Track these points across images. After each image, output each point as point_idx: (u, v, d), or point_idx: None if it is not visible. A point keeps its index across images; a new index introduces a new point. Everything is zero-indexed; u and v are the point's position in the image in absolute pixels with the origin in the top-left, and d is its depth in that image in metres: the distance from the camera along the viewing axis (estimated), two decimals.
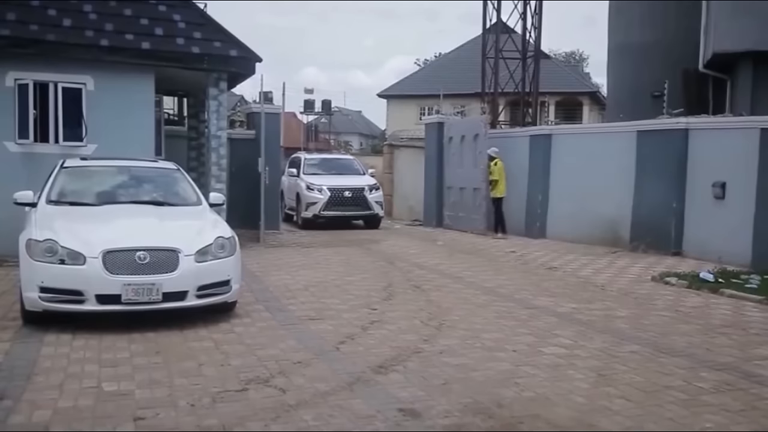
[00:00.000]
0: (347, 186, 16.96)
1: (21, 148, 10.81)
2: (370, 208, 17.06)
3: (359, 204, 16.97)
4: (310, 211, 16.84)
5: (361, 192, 17.00)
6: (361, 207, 17.04)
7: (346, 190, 16.85)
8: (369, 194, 17.08)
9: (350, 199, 16.83)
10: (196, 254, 6.67)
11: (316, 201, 16.73)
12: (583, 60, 61.68)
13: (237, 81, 14.17)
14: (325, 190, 16.78)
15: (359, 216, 17.43)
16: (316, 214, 16.76)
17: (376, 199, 17.21)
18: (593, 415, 4.44)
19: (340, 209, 16.83)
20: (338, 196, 16.76)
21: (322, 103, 55.14)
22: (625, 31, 21.21)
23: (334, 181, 17.13)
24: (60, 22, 10.89)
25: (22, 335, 6.22)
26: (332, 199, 16.71)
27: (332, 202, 16.71)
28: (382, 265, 10.91)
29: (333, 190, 16.78)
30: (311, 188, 16.99)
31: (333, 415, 4.36)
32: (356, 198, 16.91)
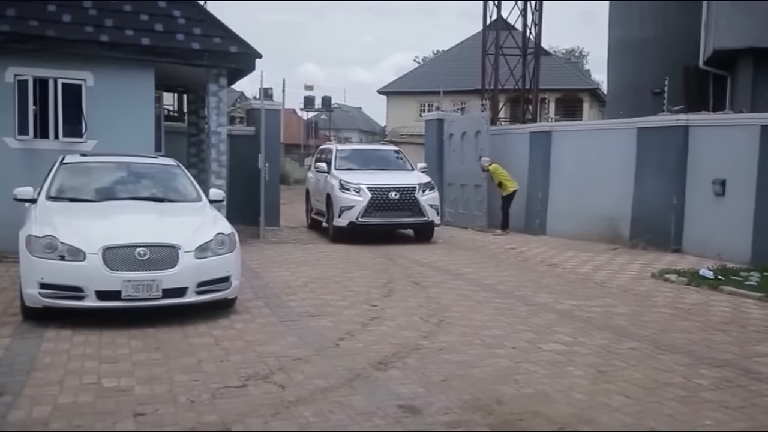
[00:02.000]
0: (393, 185, 13.22)
1: (21, 144, 10.81)
2: (422, 214, 13.21)
3: (409, 208, 13.16)
4: (344, 217, 12.96)
5: (411, 193, 13.19)
6: (412, 212, 13.21)
7: (391, 191, 13.07)
8: (421, 195, 13.21)
9: (397, 203, 13.06)
10: (196, 250, 6.67)
11: (353, 205, 12.90)
12: (583, 57, 61.67)
13: (237, 77, 14.17)
14: (364, 191, 13.00)
15: (409, 224, 13.67)
16: (352, 221, 12.90)
17: (430, 201, 13.37)
18: (593, 411, 4.44)
19: (384, 215, 13.09)
20: (382, 198, 12.99)
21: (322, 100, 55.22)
22: (626, 27, 21.20)
23: (376, 179, 13.42)
24: (60, 17, 10.87)
25: (22, 331, 6.23)
26: (374, 202, 12.93)
27: (374, 207, 12.93)
28: (381, 261, 10.91)
29: (375, 191, 13.01)
30: (346, 188, 13.12)
31: (332, 412, 4.36)
32: (405, 201, 13.12)
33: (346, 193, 13.07)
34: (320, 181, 14.59)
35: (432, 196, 13.49)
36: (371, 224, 13.07)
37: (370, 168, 14.23)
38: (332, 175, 13.73)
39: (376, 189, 13.07)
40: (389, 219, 13.20)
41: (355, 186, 13.12)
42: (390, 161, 14.98)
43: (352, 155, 14.99)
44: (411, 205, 13.15)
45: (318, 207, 14.94)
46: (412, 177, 13.84)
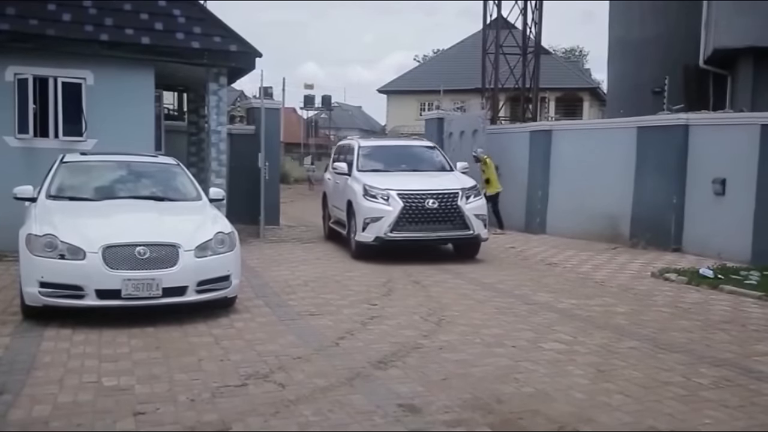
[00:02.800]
0: (430, 191, 10.63)
1: (21, 142, 10.81)
2: (466, 226, 10.60)
3: (450, 219, 10.56)
4: (370, 231, 10.47)
5: (452, 200, 10.59)
6: (453, 224, 10.61)
7: (428, 198, 10.47)
8: (465, 203, 10.62)
9: (436, 213, 10.48)
10: (196, 249, 6.67)
11: (380, 216, 10.41)
12: (584, 56, 61.67)
13: (237, 76, 14.17)
14: (394, 198, 10.44)
15: (450, 239, 11.13)
16: (380, 236, 10.40)
17: (476, 210, 10.75)
18: (592, 410, 4.44)
19: (419, 229, 10.52)
20: (416, 207, 10.43)
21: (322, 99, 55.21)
22: (626, 26, 21.20)
23: (409, 183, 10.95)
24: (60, 16, 10.87)
25: (22, 330, 6.23)
26: (407, 212, 10.40)
27: (407, 218, 10.42)
28: (382, 260, 10.90)
29: (408, 198, 10.46)
30: (372, 195, 10.62)
31: (332, 411, 4.37)
32: (445, 210, 10.53)
33: (372, 201, 10.55)
34: (339, 185, 12.08)
35: (478, 203, 10.94)
36: (403, 240, 10.56)
37: (400, 168, 11.84)
38: (354, 178, 11.27)
39: (409, 196, 10.49)
40: (426, 233, 10.58)
41: (383, 192, 10.53)
42: (424, 160, 12.38)
43: (378, 153, 12.37)
44: (452, 215, 10.54)
45: (338, 215, 12.37)
46: (452, 180, 11.26)
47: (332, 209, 12.97)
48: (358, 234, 10.73)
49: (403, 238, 10.59)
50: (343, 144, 13.85)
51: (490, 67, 21.04)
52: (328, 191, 13.34)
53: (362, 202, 10.68)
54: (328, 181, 13.40)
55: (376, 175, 11.32)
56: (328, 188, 13.45)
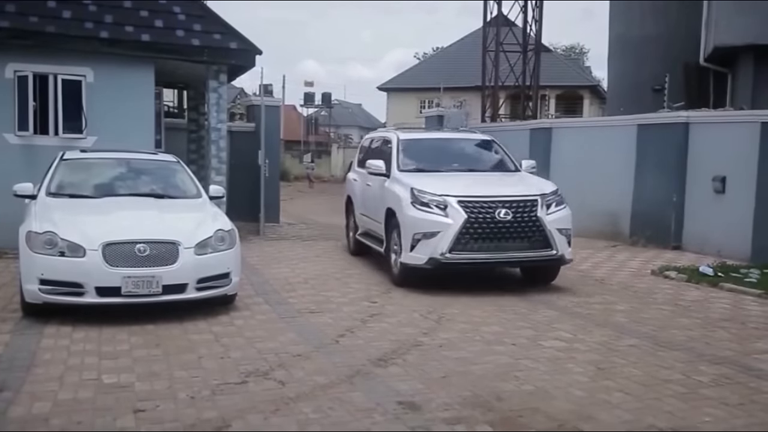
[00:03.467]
0: (502, 197, 8.21)
1: (21, 140, 10.79)
2: (548, 245, 8.22)
3: (527, 235, 8.15)
4: (422, 251, 8.07)
5: (530, 210, 8.19)
6: (531, 242, 8.19)
7: (500, 206, 8.06)
8: (546, 214, 8.24)
9: (509, 227, 8.05)
10: (196, 247, 6.67)
11: (437, 230, 7.99)
12: (584, 54, 61.60)
13: (237, 73, 14.14)
14: (454, 208, 8.04)
15: (526, 261, 8.52)
16: (435, 257, 7.97)
17: (559, 224, 8.35)
18: (592, 408, 4.45)
19: (487, 247, 8.08)
20: (484, 219, 8.01)
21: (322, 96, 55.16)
22: (626, 24, 21.18)
23: (471, 188, 8.59)
24: (60, 13, 10.84)
25: (22, 327, 6.23)
26: (472, 225, 7.99)
27: (472, 233, 8.00)
28: (382, 258, 10.89)
29: (472, 207, 8.04)
30: (423, 202, 8.21)
31: (333, 408, 4.37)
32: (522, 223, 8.11)
33: (424, 211, 8.12)
34: (372, 188, 9.81)
35: (561, 214, 8.43)
36: (467, 262, 8.14)
37: (453, 168, 9.44)
38: (395, 180, 8.94)
39: (474, 204, 8.03)
40: (495, 254, 8.11)
41: (439, 199, 8.10)
42: (481, 157, 10.09)
43: (423, 148, 10.00)
44: (530, 229, 8.11)
45: (368, 226, 10.17)
46: (526, 184, 8.92)
47: (360, 218, 10.53)
48: (404, 254, 8.21)
49: (466, 261, 8.09)
50: (374, 137, 11.37)
51: (490, 65, 21.04)
52: (355, 195, 10.92)
53: (410, 211, 8.21)
54: (354, 182, 11.02)
55: (424, 176, 8.88)
56: (353, 191, 11.00)
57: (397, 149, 9.56)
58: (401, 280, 8.49)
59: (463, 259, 8.08)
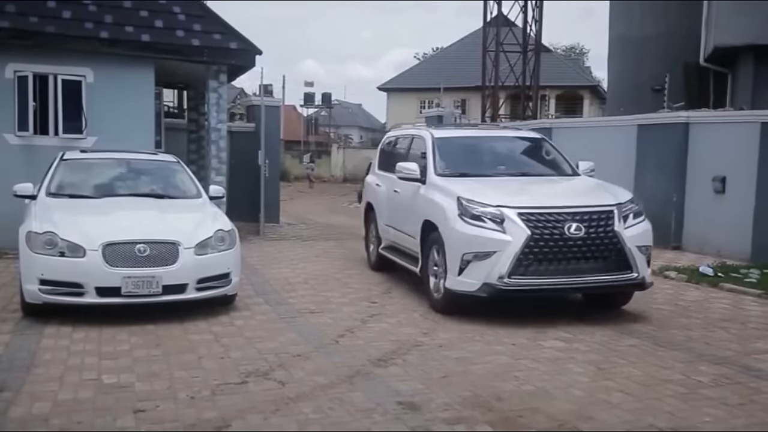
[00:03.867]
0: (571, 208, 6.85)
1: (21, 140, 10.79)
2: (627, 265, 6.82)
3: (603, 254, 6.76)
4: (474, 274, 6.68)
5: (605, 223, 6.77)
6: (608, 262, 6.77)
7: (570, 220, 6.67)
8: (624, 228, 6.83)
9: (582, 245, 6.67)
10: (196, 247, 6.67)
11: (493, 249, 6.60)
12: (584, 54, 61.60)
13: (237, 74, 14.14)
14: (514, 222, 6.64)
15: (601, 285, 6.92)
16: (491, 283, 6.60)
17: (639, 240, 6.93)
18: (592, 408, 4.45)
19: (555, 270, 6.68)
20: (551, 235, 6.63)
21: (322, 96, 55.15)
22: (626, 24, 21.19)
23: (531, 196, 7.39)
24: (59, 14, 10.85)
25: (22, 327, 6.23)
26: (537, 243, 6.60)
27: (536, 253, 6.60)
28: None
29: (536, 221, 6.66)
30: (474, 214, 6.80)
31: (333, 408, 4.37)
32: (597, 239, 6.73)
33: (476, 226, 6.67)
34: (402, 196, 8.40)
35: (642, 228, 6.98)
36: (529, 289, 6.67)
37: (500, 172, 8.08)
38: (434, 187, 7.54)
39: (539, 218, 6.59)
40: (564, 279, 6.62)
41: (495, 211, 6.65)
42: (532, 158, 8.65)
43: (463, 148, 8.56)
44: (607, 248, 6.68)
45: (396, 240, 8.75)
46: (599, 191, 7.46)
47: (385, 230, 9.14)
48: (449, 277, 6.76)
49: (529, 287, 6.63)
50: (399, 135, 9.74)
51: (490, 65, 21.05)
52: (378, 203, 9.48)
53: (457, 226, 6.74)
54: (377, 188, 9.53)
55: (469, 182, 7.46)
56: (375, 198, 9.61)
57: (433, 150, 8.01)
58: (446, 308, 7.01)
59: (525, 285, 6.59)
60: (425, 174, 7.80)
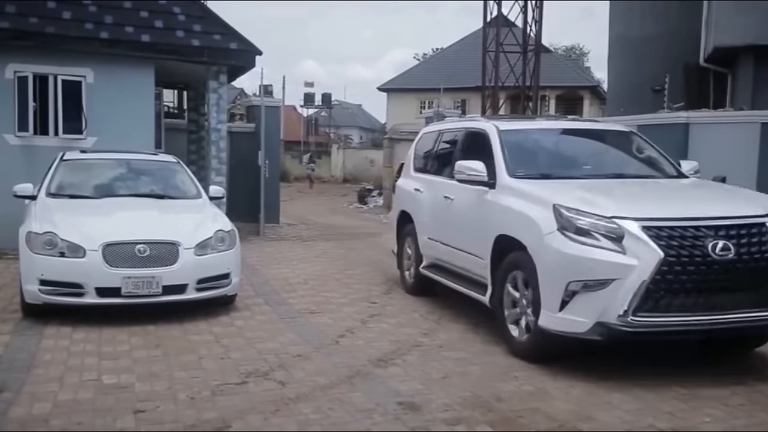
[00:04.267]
0: (713, 220, 5.01)
1: (21, 140, 10.79)
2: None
3: (756, 282, 4.95)
4: (582, 310, 4.94)
5: (759, 240, 4.97)
6: (760, 293, 4.97)
7: (711, 236, 4.88)
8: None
9: (730, 268, 4.86)
10: (196, 247, 6.67)
11: (612, 277, 4.83)
12: (584, 55, 61.58)
13: (237, 74, 14.14)
14: (640, 239, 4.85)
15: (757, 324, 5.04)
16: (609, 323, 4.84)
17: None
18: (592, 408, 4.44)
19: (696, 304, 4.88)
20: (691, 257, 4.81)
21: (322, 97, 55.21)
22: (626, 25, 21.18)
23: (657, 203, 5.58)
24: (59, 14, 10.85)
25: (22, 328, 6.23)
26: (671, 267, 4.78)
27: (671, 281, 4.79)
28: (382, 258, 10.89)
29: (669, 238, 4.85)
30: (580, 228, 5.06)
31: (332, 409, 4.37)
32: (747, 263, 4.90)
33: (584, 244, 5.06)
34: (458, 203, 6.86)
35: None
36: (662, 330, 5.01)
37: (587, 172, 6.51)
38: (510, 191, 5.99)
39: (673, 233, 4.94)
40: (709, 316, 4.95)
41: (610, 225, 5.04)
42: (624, 156, 7.12)
43: (537, 143, 6.91)
44: (762, 274, 5.02)
45: (445, 258, 7.22)
46: (736, 197, 5.91)
47: (428, 245, 7.56)
48: (544, 314, 5.15)
49: (662, 328, 4.97)
50: (446, 128, 8.06)
51: (490, 65, 21.04)
52: (417, 212, 7.91)
53: (557, 243, 5.12)
54: (416, 194, 7.93)
55: (559, 185, 5.85)
56: (414, 206, 8.01)
57: (501, 146, 6.38)
58: (536, 354, 5.37)
59: (657, 325, 4.90)
60: (494, 175, 6.17)
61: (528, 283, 5.44)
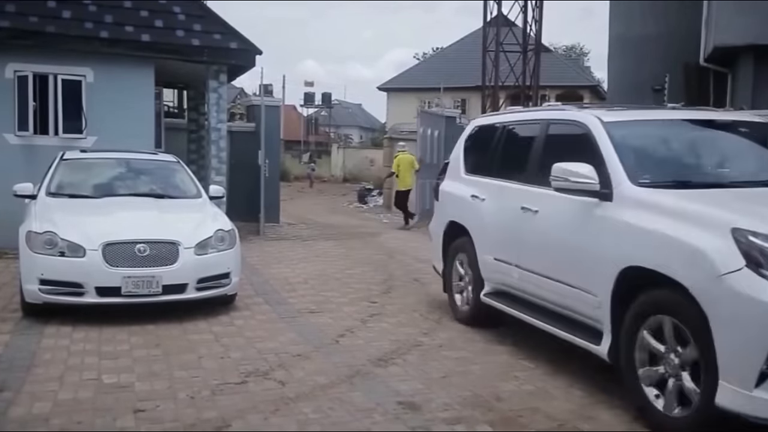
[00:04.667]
0: None
1: (21, 140, 10.79)
2: None
3: None
4: None
5: None
6: None
7: None
8: None
9: None
10: (196, 247, 6.67)
11: None
12: (584, 54, 61.56)
13: (237, 73, 14.14)
14: None
15: None
16: None
17: None
18: (593, 408, 4.44)
19: None
20: None
21: (322, 96, 55.27)
22: (626, 24, 21.17)
23: None
24: (59, 13, 10.85)
25: (22, 327, 6.22)
26: None
27: None
28: (381, 258, 10.90)
29: None
30: None
31: (332, 408, 4.37)
32: None
33: None
34: (549, 216, 5.38)
35: None
36: None
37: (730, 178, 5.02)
38: (640, 203, 4.45)
39: None
40: None
41: None
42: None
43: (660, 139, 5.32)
44: None
45: (522, 286, 5.78)
46: None
47: (496, 268, 6.05)
48: (726, 389, 3.59)
49: None
50: (514, 120, 6.54)
51: (490, 65, 21.05)
52: (475, 224, 6.40)
53: (749, 288, 3.54)
54: (475, 202, 6.39)
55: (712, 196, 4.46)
56: (471, 216, 6.49)
57: (611, 143, 4.89)
58: None
59: None
60: (608, 184, 4.69)
61: (684, 336, 3.90)
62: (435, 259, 7.32)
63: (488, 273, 6.16)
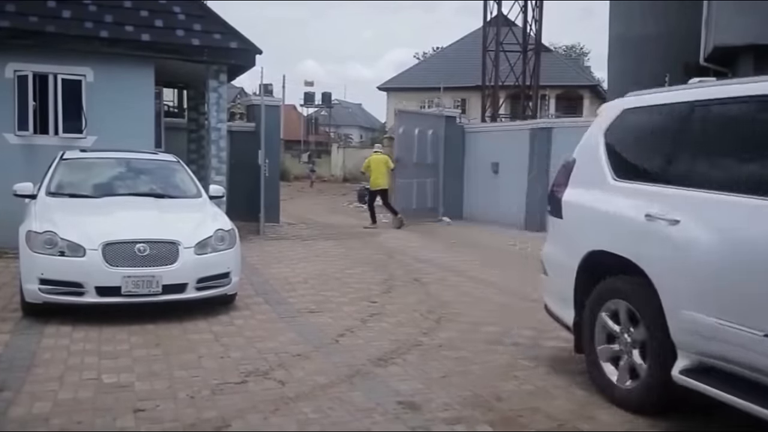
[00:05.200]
0: None
1: (20, 139, 10.79)
2: None
3: None
4: None
5: None
6: None
7: None
8: None
9: None
10: (196, 246, 6.67)
11: None
12: (584, 54, 61.56)
13: (237, 73, 14.14)
14: None
15: None
16: None
17: None
18: (593, 408, 4.44)
19: None
20: None
21: (322, 96, 55.26)
22: (626, 24, 21.17)
23: None
24: (59, 13, 10.85)
25: (22, 327, 6.22)
26: None
27: None
28: (381, 258, 10.90)
29: None
30: None
31: (332, 408, 4.36)
32: None
33: None
34: None
35: None
36: None
37: None
38: None
39: None
40: None
41: None
42: None
43: None
44: None
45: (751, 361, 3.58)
46: None
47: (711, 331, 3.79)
48: None
49: None
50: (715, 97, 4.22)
51: (490, 65, 21.06)
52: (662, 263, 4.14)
53: None
54: (653, 225, 4.18)
55: None
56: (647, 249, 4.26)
57: None
58: None
59: None
60: None
61: None
62: (555, 300, 5.27)
63: (692, 339, 3.98)
